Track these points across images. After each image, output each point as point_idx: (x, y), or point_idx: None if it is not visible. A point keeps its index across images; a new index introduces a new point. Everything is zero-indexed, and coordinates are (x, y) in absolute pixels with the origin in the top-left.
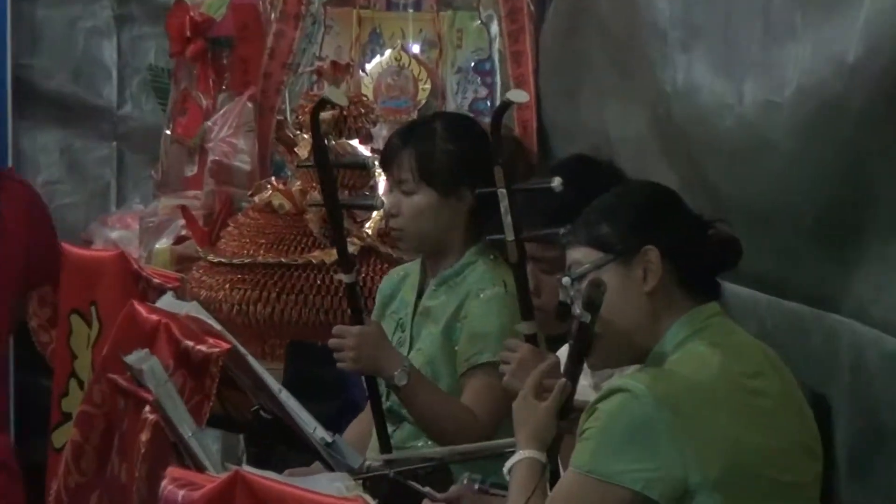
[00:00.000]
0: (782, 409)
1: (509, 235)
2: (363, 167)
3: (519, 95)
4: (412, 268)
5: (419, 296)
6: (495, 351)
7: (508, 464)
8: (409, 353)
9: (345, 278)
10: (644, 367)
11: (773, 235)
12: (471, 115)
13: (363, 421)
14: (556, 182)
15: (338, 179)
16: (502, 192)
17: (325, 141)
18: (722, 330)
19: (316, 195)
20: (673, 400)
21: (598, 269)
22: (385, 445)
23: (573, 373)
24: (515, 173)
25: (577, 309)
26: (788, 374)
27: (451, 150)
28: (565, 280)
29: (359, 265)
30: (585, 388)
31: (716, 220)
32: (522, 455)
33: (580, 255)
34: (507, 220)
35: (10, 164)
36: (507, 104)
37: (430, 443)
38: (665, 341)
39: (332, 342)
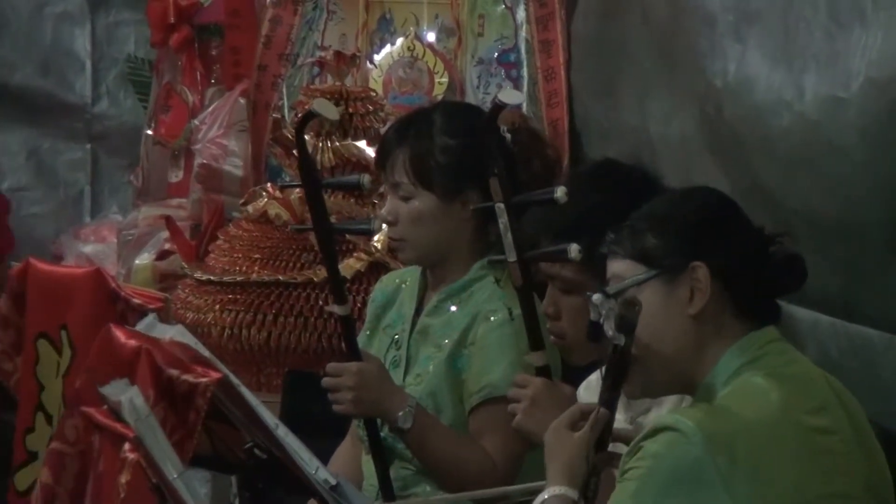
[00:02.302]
0: (849, 449)
1: (511, 256)
2: (357, 188)
3: (512, 96)
4: (410, 274)
5: (418, 310)
6: (510, 384)
7: (537, 502)
8: (404, 375)
9: (337, 310)
10: (694, 402)
11: (837, 250)
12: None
13: (347, 453)
14: (560, 192)
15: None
16: (500, 206)
17: (328, 143)
18: (781, 359)
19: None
20: (727, 442)
21: (638, 285)
22: (387, 492)
23: (609, 400)
24: (531, 171)
25: (609, 330)
26: (857, 407)
27: (450, 148)
28: (596, 297)
29: (367, 283)
30: (620, 422)
31: (779, 235)
32: (552, 492)
33: (621, 269)
34: (508, 238)
35: None
36: (499, 107)
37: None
38: (717, 372)
39: (326, 381)
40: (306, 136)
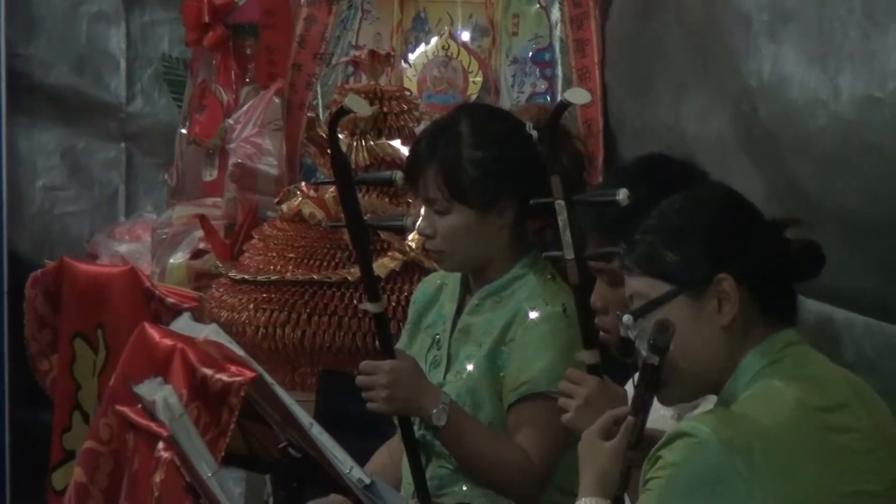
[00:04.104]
0: (872, 447)
1: (568, 254)
2: (389, 183)
3: (579, 95)
4: (451, 275)
5: (458, 310)
6: (550, 380)
7: None
8: (445, 374)
9: (371, 308)
10: (715, 405)
11: (873, 249)
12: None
13: (391, 452)
14: (622, 195)
15: (374, 186)
16: (560, 203)
17: (363, 142)
18: (800, 360)
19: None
20: (744, 446)
21: (663, 303)
22: (422, 491)
23: (641, 409)
24: (562, 169)
25: (642, 350)
26: (882, 405)
27: (482, 160)
28: (626, 318)
29: (401, 283)
30: (665, 417)
31: (789, 221)
32: (585, 502)
33: (641, 287)
34: (567, 236)
35: (2, 167)
36: (564, 105)
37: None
38: (738, 375)
39: (360, 380)
40: (341, 136)
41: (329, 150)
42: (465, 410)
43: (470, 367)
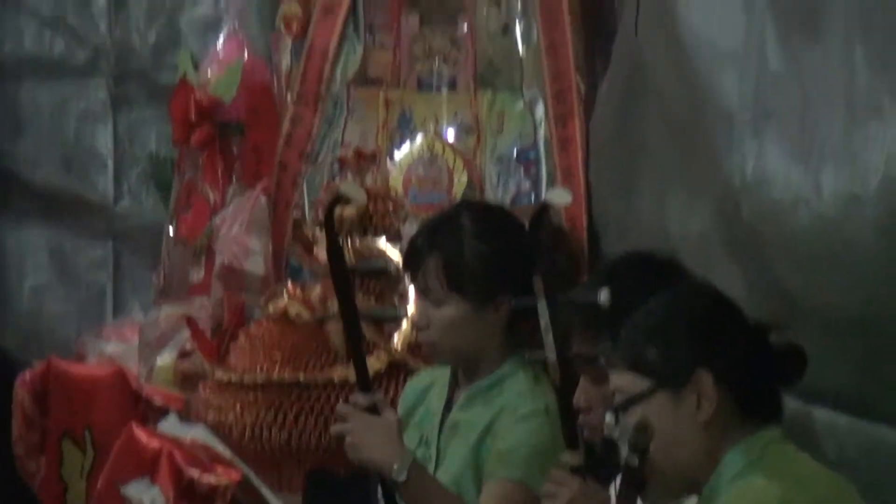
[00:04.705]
0: None
1: (551, 355)
2: (384, 273)
3: (561, 196)
4: (439, 373)
5: (447, 407)
6: (525, 472)
7: None
8: (434, 471)
9: (362, 399)
10: None
11: (855, 348)
12: (502, 205)
13: None
14: (604, 296)
15: (360, 286)
16: (542, 304)
17: (349, 241)
18: (783, 459)
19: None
20: None
21: (643, 399)
22: None
23: None
24: (557, 268)
25: (623, 449)
26: None
27: (483, 253)
28: (608, 417)
29: (385, 383)
30: None
31: (773, 325)
32: None
33: (623, 382)
34: (549, 337)
35: None
36: (545, 206)
37: None
38: (720, 472)
39: (334, 428)
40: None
41: (326, 240)
42: (428, 471)
43: (457, 463)
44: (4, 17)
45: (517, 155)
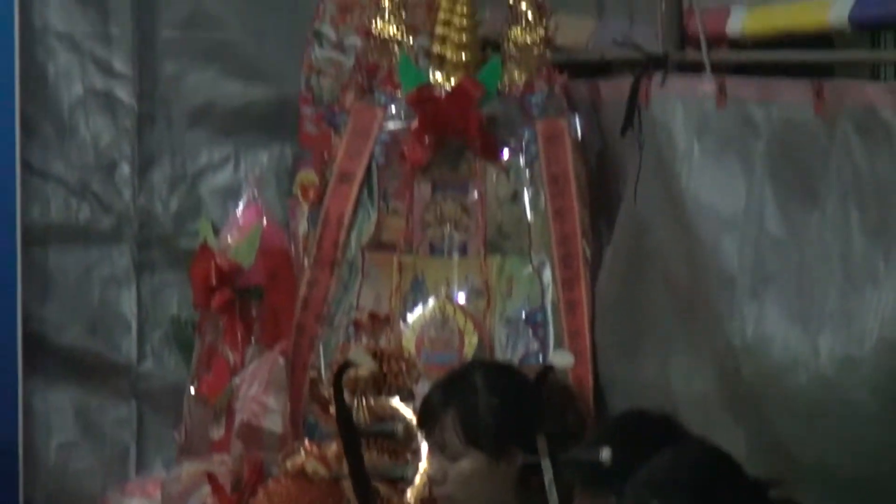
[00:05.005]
0: None
1: None
2: (391, 436)
3: (563, 358)
4: None
5: None
6: None
7: None
8: None
9: None
10: None
11: None
12: (511, 363)
13: None
14: (606, 455)
15: (373, 444)
16: (546, 463)
17: (363, 401)
18: None
19: None
20: None
21: None
22: None
23: None
24: (566, 427)
25: None
26: None
27: (496, 408)
28: None
29: None
30: None
31: (773, 481)
32: None
33: None
34: (553, 495)
35: (19, 425)
36: (548, 368)
37: None
38: None
39: None
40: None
41: (335, 405)
42: None
43: None
44: (32, 185)
45: (526, 317)
